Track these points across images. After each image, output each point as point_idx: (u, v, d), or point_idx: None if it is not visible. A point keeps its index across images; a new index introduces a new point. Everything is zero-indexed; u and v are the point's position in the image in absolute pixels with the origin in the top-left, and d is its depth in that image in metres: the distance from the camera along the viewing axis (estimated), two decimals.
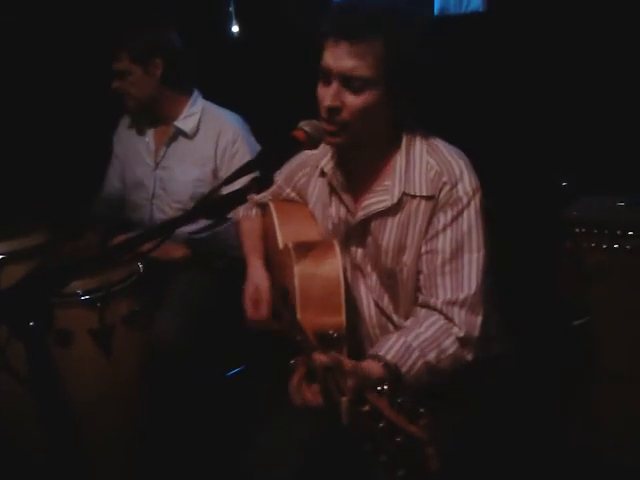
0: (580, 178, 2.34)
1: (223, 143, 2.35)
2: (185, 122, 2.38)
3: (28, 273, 2.01)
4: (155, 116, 2.43)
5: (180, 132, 2.40)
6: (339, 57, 1.41)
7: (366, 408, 0.94)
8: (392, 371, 1.34)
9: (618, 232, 2.07)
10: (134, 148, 2.50)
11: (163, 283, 2.34)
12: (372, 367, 1.33)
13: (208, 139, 2.37)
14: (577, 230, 2.13)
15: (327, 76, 1.45)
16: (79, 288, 2.00)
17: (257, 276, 1.76)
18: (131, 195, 2.52)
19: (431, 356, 1.40)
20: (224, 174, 2.35)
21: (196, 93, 2.44)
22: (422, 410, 0.90)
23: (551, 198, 2.33)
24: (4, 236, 2.18)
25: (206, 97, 2.48)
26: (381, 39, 1.38)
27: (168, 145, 2.41)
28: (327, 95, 1.44)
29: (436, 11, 3.30)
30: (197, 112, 2.40)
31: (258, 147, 2.42)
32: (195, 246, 2.34)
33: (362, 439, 0.92)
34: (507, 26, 2.81)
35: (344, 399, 1.02)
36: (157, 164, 2.44)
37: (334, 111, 1.44)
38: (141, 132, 2.49)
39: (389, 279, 1.58)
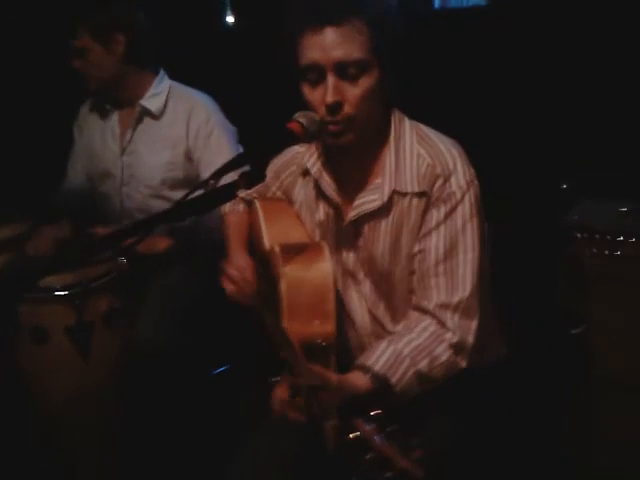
0: (581, 182, 2.30)
1: (195, 123, 2.24)
2: (151, 101, 2.26)
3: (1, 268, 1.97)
4: (119, 97, 2.30)
5: (146, 112, 2.27)
6: (328, 46, 1.31)
7: (353, 436, 0.86)
8: (381, 382, 1.28)
9: (620, 238, 2.04)
10: (98, 135, 2.37)
11: (145, 280, 2.26)
12: (359, 380, 1.28)
13: (178, 119, 2.26)
14: (578, 236, 2.10)
15: (316, 72, 1.34)
16: (55, 283, 1.94)
17: (238, 257, 1.68)
18: (99, 187, 2.40)
19: (423, 364, 1.34)
20: (199, 155, 2.26)
21: (162, 72, 2.33)
22: (416, 442, 0.82)
23: (552, 202, 2.30)
24: None
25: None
26: (363, 18, 1.31)
27: (134, 128, 2.29)
28: (326, 92, 1.33)
29: (437, 4, 3.28)
30: (164, 91, 2.28)
31: (231, 126, 2.34)
32: (178, 236, 2.25)
33: (348, 468, 0.85)
34: (509, 20, 2.79)
35: (329, 424, 0.95)
36: (123, 149, 2.32)
37: (337, 108, 1.34)
38: (104, 116, 2.36)
39: (385, 284, 1.51)
